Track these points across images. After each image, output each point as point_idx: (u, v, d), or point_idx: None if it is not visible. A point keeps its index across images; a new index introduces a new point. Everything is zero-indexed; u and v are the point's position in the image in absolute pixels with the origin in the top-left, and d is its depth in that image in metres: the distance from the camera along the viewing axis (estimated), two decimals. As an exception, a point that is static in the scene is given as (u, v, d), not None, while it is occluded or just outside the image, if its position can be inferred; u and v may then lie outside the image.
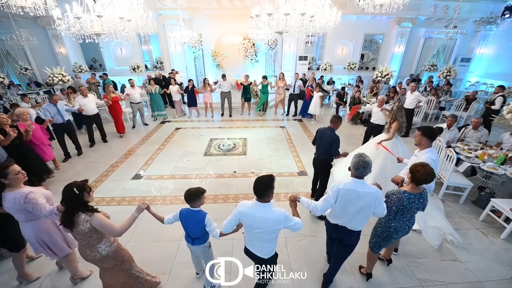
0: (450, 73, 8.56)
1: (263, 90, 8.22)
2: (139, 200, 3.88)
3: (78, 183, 1.82)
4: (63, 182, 4.47)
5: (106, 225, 1.84)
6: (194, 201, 2.09)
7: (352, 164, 2.01)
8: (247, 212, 1.85)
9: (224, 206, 3.73)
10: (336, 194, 2.04)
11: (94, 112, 5.83)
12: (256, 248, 2.00)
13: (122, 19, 3.57)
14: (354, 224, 2.13)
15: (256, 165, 4.96)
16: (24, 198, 2.00)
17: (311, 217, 3.48)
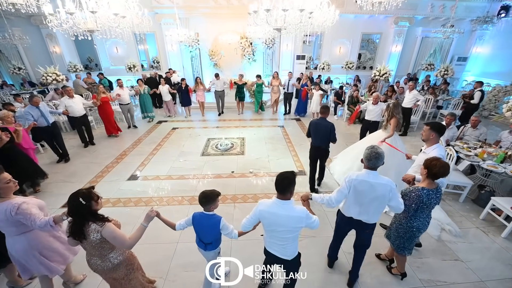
0: (447, 72, 8.57)
1: (258, 89, 8.18)
2: (134, 201, 3.80)
3: (83, 192, 1.66)
4: (58, 183, 4.42)
5: (117, 236, 1.71)
6: (209, 204, 1.96)
7: (364, 155, 2.03)
8: (268, 210, 1.79)
9: (222, 207, 3.64)
10: (349, 185, 2.06)
11: (81, 113, 5.62)
12: (277, 249, 1.93)
13: (117, 16, 3.47)
14: (369, 216, 2.16)
15: (254, 164, 4.89)
16: (16, 209, 1.85)
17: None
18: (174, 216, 3.50)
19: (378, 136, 4.10)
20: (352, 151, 4.55)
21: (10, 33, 7.98)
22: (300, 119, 7.95)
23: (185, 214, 3.48)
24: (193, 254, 2.84)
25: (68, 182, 4.38)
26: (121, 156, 5.36)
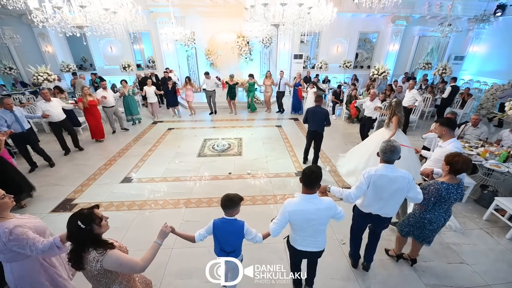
0: (445, 70, 8.54)
1: (250, 88, 8.09)
2: (128, 205, 3.65)
3: (84, 213, 1.39)
4: (48, 187, 4.25)
5: (124, 262, 1.43)
6: (232, 208, 1.82)
7: (380, 149, 2.09)
8: (298, 209, 1.76)
9: (220, 210, 3.51)
10: (368, 180, 2.07)
11: (60, 118, 5.12)
12: (310, 244, 1.93)
13: (107, 11, 3.32)
14: (387, 210, 2.19)
15: (252, 165, 4.77)
16: (8, 234, 1.52)
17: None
18: (168, 220, 3.37)
19: (381, 134, 4.14)
20: (359, 150, 4.59)
21: (0, 32, 7.76)
22: (298, 118, 7.84)
23: (180, 218, 3.37)
24: (188, 261, 2.73)
25: (58, 185, 4.21)
26: (115, 157, 5.20)
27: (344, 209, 1.94)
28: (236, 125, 7.23)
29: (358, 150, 4.56)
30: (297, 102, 8.28)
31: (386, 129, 4.09)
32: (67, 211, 3.58)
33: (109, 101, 6.27)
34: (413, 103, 6.12)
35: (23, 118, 4.39)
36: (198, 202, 3.70)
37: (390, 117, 3.96)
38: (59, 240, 1.61)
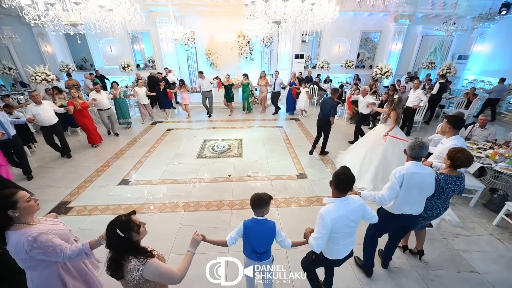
0: (450, 70, 8.38)
1: (244, 89, 7.94)
2: (124, 209, 3.54)
3: (122, 221, 1.34)
4: (44, 189, 4.14)
5: (164, 273, 1.39)
6: (263, 207, 1.77)
7: (408, 146, 2.10)
8: (338, 215, 1.67)
9: (219, 213, 3.42)
10: (401, 180, 2.06)
11: (52, 122, 4.81)
12: (343, 249, 1.86)
13: (102, 8, 3.22)
14: (419, 207, 2.21)
15: (252, 167, 4.66)
16: (32, 241, 1.41)
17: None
18: (166, 224, 3.26)
19: (379, 130, 4.19)
20: (356, 147, 4.64)
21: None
22: (299, 119, 7.72)
23: (178, 223, 3.26)
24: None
25: (55, 188, 4.11)
26: (112, 159, 5.10)
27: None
28: (236, 126, 7.11)
29: (357, 145, 4.63)
30: (291, 102, 8.18)
31: (384, 124, 4.13)
32: (62, 214, 3.47)
33: (104, 103, 6.01)
34: (417, 103, 5.99)
35: (8, 124, 4.04)
36: (196, 205, 3.58)
37: (389, 112, 3.97)
38: (89, 247, 1.56)
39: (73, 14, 2.97)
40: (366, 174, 4.03)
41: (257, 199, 1.76)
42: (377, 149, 4.03)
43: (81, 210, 3.56)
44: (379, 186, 3.85)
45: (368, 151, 4.16)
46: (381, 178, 3.92)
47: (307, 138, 6.13)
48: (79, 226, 3.22)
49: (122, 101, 6.70)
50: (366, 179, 3.99)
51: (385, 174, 3.88)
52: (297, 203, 3.62)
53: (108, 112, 6.22)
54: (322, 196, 3.75)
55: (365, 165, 4.10)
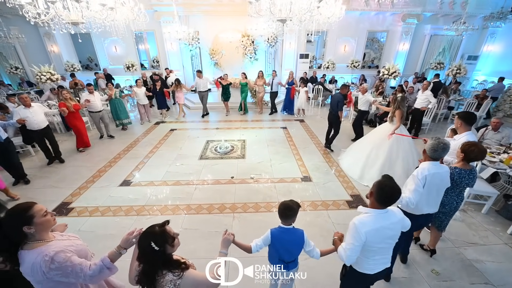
0: (460, 71, 8.15)
1: (242, 89, 7.80)
2: (125, 210, 3.49)
3: (157, 233, 1.23)
4: (45, 189, 4.12)
5: (201, 282, 1.32)
6: (293, 217, 1.68)
7: (430, 146, 2.05)
8: (374, 227, 1.52)
9: (220, 217, 3.33)
10: (423, 181, 2.05)
11: (42, 126, 4.52)
12: (380, 263, 1.69)
13: (104, 7, 3.17)
14: (437, 206, 2.26)
15: (255, 169, 4.56)
16: (49, 262, 1.26)
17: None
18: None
19: (385, 129, 4.21)
20: (361, 143, 4.63)
21: (6, 31, 7.77)
22: (304, 120, 7.59)
23: (179, 226, 3.19)
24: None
25: (56, 188, 4.09)
26: (115, 159, 5.07)
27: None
28: (240, 127, 7.03)
29: (361, 143, 4.60)
30: (289, 102, 8.07)
31: (390, 123, 4.13)
32: (63, 215, 3.43)
33: (96, 105, 5.76)
34: (426, 105, 5.81)
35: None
36: (198, 208, 3.51)
37: (394, 111, 4.01)
38: (109, 261, 1.41)
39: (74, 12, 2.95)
40: (370, 171, 4.06)
41: (287, 209, 1.64)
42: (382, 147, 4.05)
43: (81, 211, 3.51)
44: None
45: (373, 149, 4.15)
46: None
47: (311, 139, 6.02)
48: (79, 228, 3.17)
49: (118, 101, 6.51)
50: (372, 176, 3.98)
51: (390, 172, 3.77)
52: (302, 207, 3.49)
53: (100, 115, 5.98)
54: (327, 200, 3.64)
55: (370, 162, 4.11)
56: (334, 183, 4.11)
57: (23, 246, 1.29)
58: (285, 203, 1.68)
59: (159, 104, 7.64)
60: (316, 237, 2.95)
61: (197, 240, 2.93)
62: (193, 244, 2.87)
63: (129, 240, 1.44)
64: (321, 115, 8.12)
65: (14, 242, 1.29)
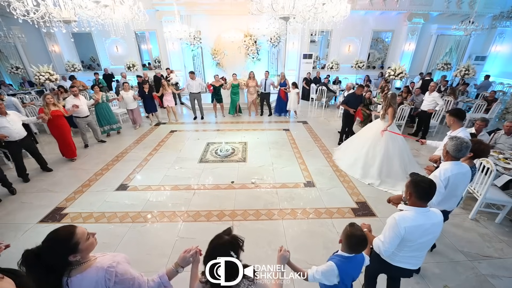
0: (468, 71, 7.91)
1: (234, 90, 7.47)
2: (120, 217, 3.35)
3: (230, 241, 1.19)
4: (40, 193, 3.99)
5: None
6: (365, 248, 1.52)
7: (452, 147, 2.01)
8: (415, 225, 1.55)
9: (219, 225, 3.18)
10: (446, 182, 2.05)
11: (21, 136, 4.06)
12: (412, 261, 1.73)
13: (98, 4, 3.04)
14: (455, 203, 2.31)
15: (256, 173, 4.40)
16: (113, 275, 1.18)
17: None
18: (162, 235, 3.02)
19: (377, 126, 4.27)
20: (356, 142, 4.64)
21: (5, 31, 7.71)
22: (307, 121, 7.42)
23: (175, 234, 3.04)
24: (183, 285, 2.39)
25: (51, 192, 3.97)
26: (113, 162, 4.94)
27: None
28: (242, 128, 6.88)
29: (355, 142, 4.62)
30: (282, 103, 7.83)
31: (382, 120, 4.18)
32: (56, 221, 3.31)
33: (82, 111, 5.31)
34: (433, 107, 5.61)
35: None
36: (196, 215, 3.36)
37: (385, 109, 4.06)
38: (167, 278, 1.35)
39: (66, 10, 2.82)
40: (371, 170, 4.12)
41: (364, 241, 1.45)
42: (378, 145, 4.13)
43: (75, 217, 3.38)
44: (385, 181, 4.01)
45: (369, 148, 4.22)
46: (385, 172, 4.05)
47: (315, 142, 5.84)
48: (72, 235, 3.03)
49: (105, 106, 6.10)
50: (373, 175, 4.08)
51: (388, 169, 4.05)
52: (304, 214, 3.35)
53: (87, 120, 5.58)
54: (331, 208, 3.47)
55: (369, 161, 4.17)
56: (339, 189, 3.94)
57: (70, 273, 1.15)
58: (358, 236, 1.44)
59: (147, 108, 7.20)
60: (320, 249, 2.78)
61: (194, 250, 2.78)
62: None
63: (186, 258, 1.39)
64: (324, 117, 7.94)
65: (58, 272, 1.13)
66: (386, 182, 4.00)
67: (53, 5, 2.74)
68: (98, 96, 5.87)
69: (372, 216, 3.32)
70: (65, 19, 3.04)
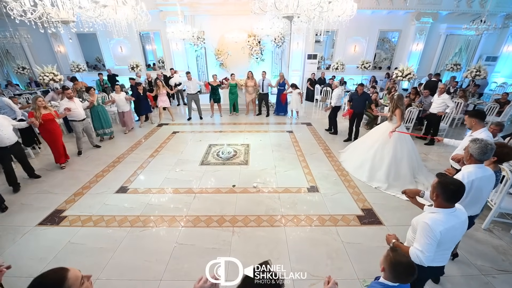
0: (480, 72, 7.65)
1: (231, 90, 7.47)
2: (119, 221, 3.28)
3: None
4: (40, 194, 3.96)
5: None
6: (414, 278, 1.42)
7: (478, 149, 1.95)
8: (448, 227, 1.53)
9: (219, 231, 3.08)
10: (469, 185, 1.98)
11: (12, 142, 3.83)
12: (444, 258, 1.72)
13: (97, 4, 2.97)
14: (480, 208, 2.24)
15: (258, 177, 4.30)
16: None
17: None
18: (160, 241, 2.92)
19: (384, 128, 4.24)
20: (362, 144, 4.59)
21: (12, 31, 7.78)
22: (311, 123, 7.28)
23: (173, 241, 2.95)
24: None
25: (51, 194, 3.93)
26: (114, 163, 4.90)
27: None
28: (244, 129, 6.78)
29: (362, 144, 4.57)
30: (280, 103, 7.79)
31: (390, 122, 4.15)
32: (55, 224, 3.26)
33: (78, 114, 5.04)
34: (443, 109, 5.40)
35: None
36: (195, 220, 3.27)
37: (393, 110, 4.02)
38: None
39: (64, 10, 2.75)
40: (378, 173, 4.01)
41: (412, 268, 1.35)
42: (386, 148, 4.05)
43: (74, 220, 3.33)
44: (393, 185, 3.87)
45: (377, 150, 4.14)
46: (393, 175, 3.94)
47: (319, 145, 5.70)
48: (69, 240, 2.98)
49: (101, 108, 5.77)
50: (380, 178, 3.97)
51: (396, 172, 3.95)
52: (307, 221, 3.23)
53: (83, 124, 5.26)
54: (335, 215, 3.34)
55: (376, 164, 4.07)
56: (344, 195, 3.80)
57: None
58: (406, 263, 1.35)
59: (138, 111, 6.88)
60: (323, 258, 2.66)
61: (192, 258, 2.68)
62: (187, 262, 2.63)
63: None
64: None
65: None
66: (394, 186, 3.84)
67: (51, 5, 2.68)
68: (93, 98, 5.58)
69: (379, 224, 3.17)
70: (63, 19, 2.98)
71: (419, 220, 1.60)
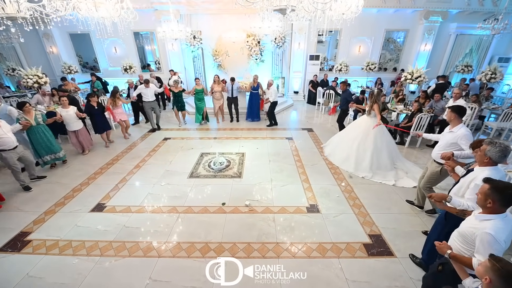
0: (495, 75, 7.10)
1: (198, 96, 6.66)
2: (88, 248, 2.85)
3: None
4: (8, 212, 3.45)
5: None
6: None
7: (498, 153, 1.91)
8: (508, 234, 1.49)
9: (201, 264, 2.62)
10: None
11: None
12: None
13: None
14: None
15: (252, 193, 3.84)
16: None
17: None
18: (132, 276, 2.42)
19: (364, 121, 4.52)
20: (345, 138, 4.83)
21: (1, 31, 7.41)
22: (312, 129, 6.81)
23: (147, 275, 2.50)
24: None
25: (21, 212, 3.52)
26: (95, 174, 4.48)
27: None
28: (241, 136, 6.33)
29: (346, 138, 4.80)
30: (254, 108, 7.27)
31: (368, 116, 4.45)
32: (16, 251, 2.84)
33: (6, 140, 3.68)
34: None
35: None
36: (175, 249, 2.82)
37: (371, 105, 4.32)
38: None
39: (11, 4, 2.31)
40: (363, 163, 4.34)
41: None
42: (368, 139, 4.35)
43: (38, 246, 2.91)
44: (376, 173, 4.24)
45: (360, 142, 4.44)
46: (376, 164, 4.28)
47: (321, 154, 5.23)
48: (28, 272, 2.55)
49: (41, 128, 4.41)
50: (365, 168, 4.31)
51: (378, 161, 4.30)
52: (306, 252, 2.76)
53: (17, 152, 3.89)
54: (338, 243, 2.87)
55: (360, 155, 4.39)
56: (348, 216, 3.33)
57: None
58: None
59: (96, 128, 5.60)
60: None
61: (166, 300, 2.25)
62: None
63: None
64: (331, 123, 7.31)
65: None
66: (377, 173, 4.24)
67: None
68: (30, 116, 4.18)
69: (390, 255, 2.70)
70: (10, 15, 2.54)
71: (474, 231, 1.53)
